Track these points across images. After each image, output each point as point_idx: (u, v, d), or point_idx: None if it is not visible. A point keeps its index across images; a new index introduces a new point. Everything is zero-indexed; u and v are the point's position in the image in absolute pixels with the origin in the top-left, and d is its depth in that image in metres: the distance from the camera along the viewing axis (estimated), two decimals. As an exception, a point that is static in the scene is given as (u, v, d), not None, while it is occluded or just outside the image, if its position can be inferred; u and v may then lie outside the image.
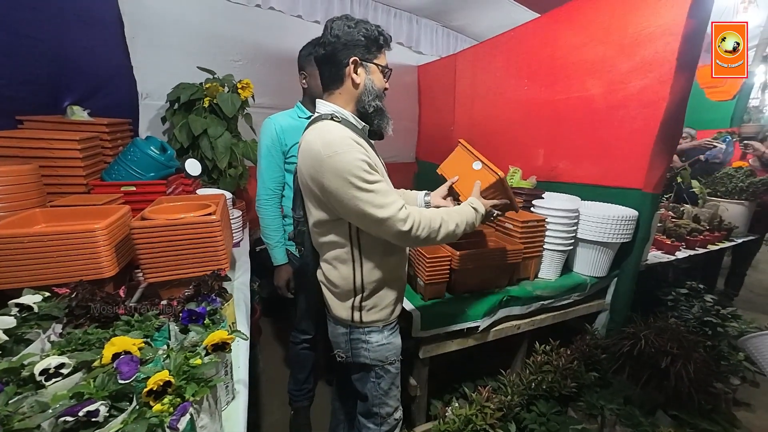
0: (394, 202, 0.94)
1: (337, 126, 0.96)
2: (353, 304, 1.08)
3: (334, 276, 1.08)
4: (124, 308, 0.87)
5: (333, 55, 0.98)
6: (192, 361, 0.68)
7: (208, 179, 2.27)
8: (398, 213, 0.94)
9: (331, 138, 0.91)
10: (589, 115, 2.00)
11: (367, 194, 0.91)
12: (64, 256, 0.97)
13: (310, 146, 0.94)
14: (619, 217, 1.63)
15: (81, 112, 1.67)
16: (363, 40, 0.98)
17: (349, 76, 1.00)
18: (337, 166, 0.89)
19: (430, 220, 0.99)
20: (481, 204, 1.14)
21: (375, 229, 0.96)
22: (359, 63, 0.99)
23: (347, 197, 0.91)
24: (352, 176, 0.89)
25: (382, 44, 1.03)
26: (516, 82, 2.55)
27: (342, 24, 0.98)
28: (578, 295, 1.76)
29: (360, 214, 0.93)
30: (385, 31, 1.04)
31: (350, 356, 1.14)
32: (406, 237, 0.96)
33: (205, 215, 1.11)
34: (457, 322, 1.43)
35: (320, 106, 1.05)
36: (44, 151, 1.30)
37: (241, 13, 2.59)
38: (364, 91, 1.02)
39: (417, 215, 0.97)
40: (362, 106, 1.03)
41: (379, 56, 1.03)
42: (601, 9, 1.89)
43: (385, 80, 1.06)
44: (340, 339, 1.15)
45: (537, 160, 2.39)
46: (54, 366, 0.66)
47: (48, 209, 1.14)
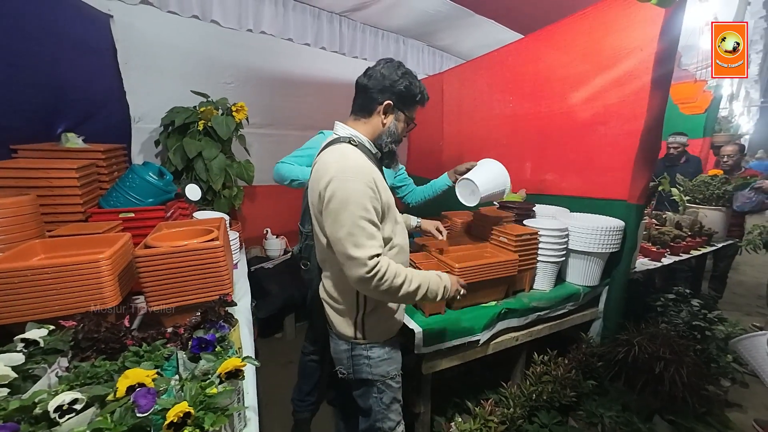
0: (371, 248, 0.93)
1: (355, 151, 1.02)
2: (356, 320, 1.10)
3: (336, 292, 1.11)
4: (132, 338, 0.87)
5: (373, 89, 1.05)
6: (208, 390, 0.68)
7: (203, 201, 2.27)
8: (368, 260, 0.92)
9: (348, 164, 0.96)
10: (572, 130, 2.10)
11: (354, 227, 0.93)
12: (67, 288, 0.96)
13: (327, 167, 0.97)
14: (607, 227, 1.70)
15: (75, 139, 1.66)
16: (404, 90, 1.06)
17: (378, 114, 1.07)
18: (345, 189, 0.93)
19: (394, 275, 0.96)
20: (449, 279, 1.13)
21: (341, 260, 0.96)
22: (392, 107, 1.07)
23: (338, 219, 0.93)
24: (353, 204, 0.93)
25: (417, 101, 1.12)
26: (502, 99, 2.66)
27: (393, 69, 1.06)
28: (572, 305, 1.81)
29: (336, 240, 0.95)
30: (426, 92, 1.13)
31: (351, 372, 1.16)
32: (364, 282, 0.95)
33: (208, 241, 1.12)
34: (458, 337, 1.45)
35: (339, 128, 1.10)
36: (41, 180, 1.29)
37: (232, 37, 2.65)
38: (386, 131, 1.09)
39: (384, 267, 0.95)
40: (379, 143, 1.10)
41: (411, 108, 1.12)
42: (579, 31, 2.00)
43: (406, 130, 1.15)
44: (342, 355, 1.16)
45: (525, 173, 2.47)
46: (67, 402, 0.66)
47: (46, 240, 1.13)
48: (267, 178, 2.80)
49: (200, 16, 2.48)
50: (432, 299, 1.09)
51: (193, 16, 2.46)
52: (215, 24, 2.56)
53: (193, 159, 2.13)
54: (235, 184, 2.44)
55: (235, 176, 2.37)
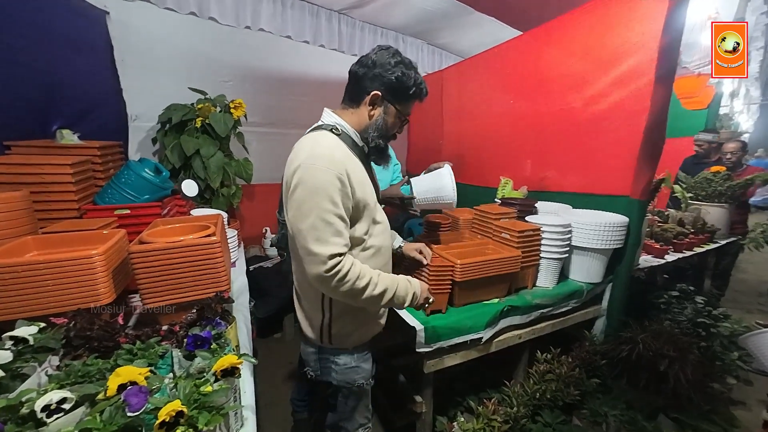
0: (334, 245, 0.87)
1: (333, 139, 0.95)
2: (321, 323, 1.05)
3: (301, 290, 1.06)
4: (125, 336, 0.84)
5: (362, 77, 0.98)
6: (203, 388, 0.66)
7: (201, 199, 2.24)
8: (328, 259, 0.86)
9: (320, 152, 0.89)
10: (574, 127, 2.08)
11: (317, 221, 0.86)
12: (59, 285, 0.93)
13: (298, 153, 0.92)
14: (610, 223, 1.68)
15: (71, 136, 1.64)
16: (394, 81, 0.97)
17: (366, 104, 0.99)
18: (313, 178, 0.86)
19: (357, 277, 0.91)
20: (419, 286, 1.09)
21: (301, 254, 0.91)
22: (380, 98, 0.99)
23: (302, 209, 0.87)
24: (321, 195, 0.86)
25: (412, 95, 1.02)
26: (502, 97, 2.64)
27: (386, 57, 0.97)
28: (576, 302, 1.79)
29: (297, 231, 0.89)
30: (424, 85, 1.03)
31: (319, 374, 1.13)
32: (322, 281, 0.89)
33: (205, 236, 1.09)
34: (460, 335, 1.42)
35: (326, 115, 1.04)
36: (35, 176, 1.27)
37: (230, 35, 2.63)
38: (373, 124, 1.01)
39: (347, 267, 0.89)
40: (365, 137, 1.03)
41: (404, 102, 1.03)
42: (580, 27, 1.98)
43: (398, 126, 1.07)
44: (310, 357, 1.13)
45: (526, 170, 2.45)
46: (55, 401, 0.63)
47: (40, 236, 1.10)
48: (266, 176, 2.80)
49: (198, 12, 2.46)
50: (399, 305, 1.03)
51: (190, 13, 2.44)
52: (213, 21, 2.54)
53: (190, 157, 2.10)
54: (234, 183, 2.41)
55: (233, 174, 2.35)
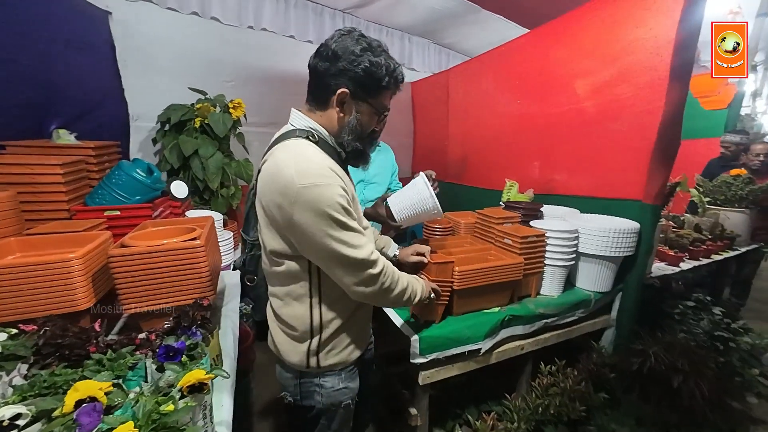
0: (368, 243, 0.87)
1: (315, 150, 0.84)
2: (309, 347, 0.94)
3: (286, 314, 0.94)
4: (95, 345, 0.81)
5: (324, 74, 0.84)
6: (163, 407, 0.61)
7: (200, 200, 2.23)
8: (371, 255, 0.87)
9: (308, 167, 0.79)
10: (582, 128, 1.99)
11: (343, 233, 0.81)
12: (36, 289, 0.91)
13: (279, 169, 0.79)
14: (620, 229, 1.59)
15: (67, 136, 1.63)
16: (361, 74, 0.82)
17: (333, 106, 0.86)
18: (313, 199, 0.77)
19: (393, 270, 0.94)
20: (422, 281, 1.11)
21: (343, 270, 0.86)
22: (348, 97, 0.84)
23: (319, 234, 0.79)
24: (329, 214, 0.78)
25: (385, 86, 0.87)
26: (508, 97, 2.56)
27: (349, 44, 0.82)
28: (583, 312, 1.70)
29: (331, 253, 0.82)
30: (399, 72, 0.88)
31: (299, 399, 1.01)
32: (374, 281, 0.89)
33: (188, 240, 1.05)
34: (457, 345, 1.35)
35: (296, 118, 0.90)
36: (25, 177, 1.25)
37: (233, 35, 2.61)
38: (346, 127, 0.88)
39: (384, 260, 0.91)
40: (339, 141, 0.91)
41: (378, 96, 0.88)
42: (589, 23, 1.90)
43: (377, 122, 0.92)
44: (288, 382, 1.01)
45: (533, 173, 2.37)
46: (8, 417, 0.59)
47: (23, 238, 1.08)
48: (267, 177, 2.77)
49: (200, 12, 2.45)
50: (412, 299, 1.03)
51: (192, 13, 2.43)
52: (215, 21, 2.53)
53: (189, 157, 2.08)
54: (234, 184, 2.39)
55: (233, 175, 2.32)
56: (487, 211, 1.80)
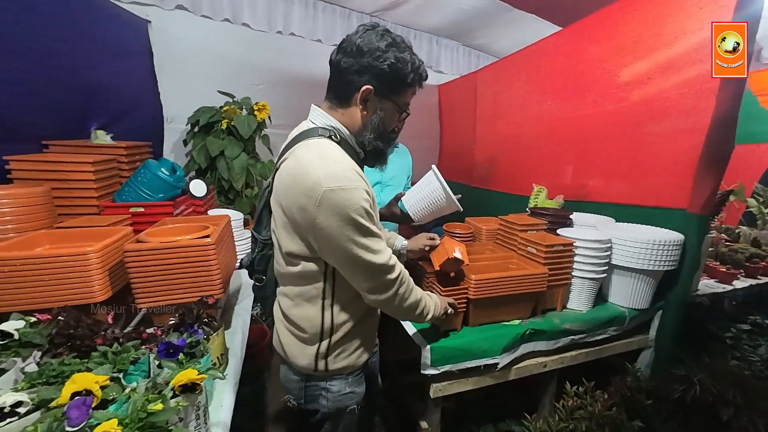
0: (386, 249, 0.87)
1: (338, 151, 0.83)
2: (318, 350, 0.92)
3: (296, 315, 0.92)
4: (102, 337, 0.82)
5: (347, 70, 0.82)
6: (151, 406, 0.60)
7: (225, 200, 2.29)
8: (389, 260, 0.87)
9: (334, 169, 0.77)
10: (621, 130, 1.84)
11: (366, 239, 0.81)
12: (56, 280, 0.95)
13: (304, 170, 0.78)
14: (661, 241, 1.44)
15: (104, 136, 1.73)
16: (387, 71, 0.81)
17: (356, 103, 0.85)
18: (339, 203, 0.76)
19: (409, 280, 0.95)
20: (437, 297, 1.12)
21: (362, 274, 0.86)
22: (372, 94, 0.84)
23: (342, 239, 0.79)
24: (354, 219, 0.78)
25: (410, 83, 0.86)
26: (539, 98, 2.43)
27: (374, 40, 0.80)
28: (615, 330, 1.55)
29: (351, 258, 0.81)
30: (423, 69, 0.87)
31: (303, 403, 0.99)
32: (390, 286, 0.89)
33: (199, 238, 1.06)
34: (472, 358, 1.27)
35: (316, 115, 0.89)
36: (59, 173, 1.33)
37: (262, 40, 2.69)
38: (367, 125, 0.87)
39: (401, 267, 0.91)
40: (360, 140, 0.90)
41: (402, 94, 0.88)
42: (630, 18, 1.76)
43: (399, 121, 0.93)
44: (293, 385, 0.99)
45: (564, 178, 2.23)
46: (9, 405, 0.61)
47: (52, 231, 1.14)
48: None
49: (231, 19, 2.54)
50: (424, 316, 1.02)
51: (224, 20, 2.53)
52: (246, 27, 2.61)
53: (215, 158, 2.15)
54: (258, 184, 2.44)
55: (257, 176, 2.37)
56: (511, 218, 1.70)
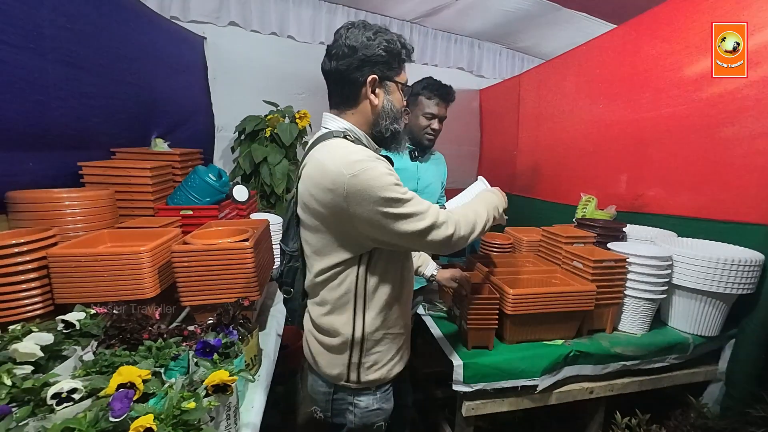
0: (430, 207, 0.84)
1: (354, 145, 0.85)
2: (350, 360, 0.91)
3: (326, 323, 0.92)
4: (149, 332, 0.88)
5: (347, 71, 0.84)
6: (185, 404, 0.63)
7: (267, 204, 2.39)
8: (438, 218, 0.84)
9: (351, 157, 0.79)
10: (685, 134, 1.66)
11: (404, 208, 0.80)
12: (113, 276, 1.03)
13: (324, 167, 0.80)
14: (734, 260, 1.26)
15: (162, 144, 1.88)
16: (384, 54, 0.84)
17: (365, 97, 0.87)
18: (365, 184, 0.76)
19: (465, 215, 0.91)
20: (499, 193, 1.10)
21: (415, 242, 0.85)
22: (378, 82, 0.87)
23: (382, 221, 0.79)
24: (386, 196, 0.77)
25: (404, 58, 0.90)
26: (589, 101, 2.27)
27: (359, 34, 0.84)
28: (676, 358, 1.39)
29: (399, 234, 0.81)
30: (408, 42, 0.91)
31: (329, 416, 0.98)
32: (450, 241, 0.86)
33: (238, 241, 1.11)
34: (509, 378, 1.20)
35: (329, 121, 0.91)
36: (122, 178, 1.46)
37: (305, 51, 2.80)
38: (381, 113, 0.89)
39: (454, 215, 0.88)
40: (378, 129, 0.91)
41: (400, 71, 0.91)
42: (697, 11, 1.58)
43: (404, 99, 0.94)
44: (320, 397, 0.99)
45: (617, 186, 2.05)
46: (66, 390, 0.66)
47: (114, 230, 1.25)
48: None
49: (278, 32, 2.67)
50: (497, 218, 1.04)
51: (271, 33, 2.67)
52: (291, 39, 2.73)
53: (259, 164, 2.26)
54: (297, 189, 2.52)
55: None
56: (555, 229, 1.59)
